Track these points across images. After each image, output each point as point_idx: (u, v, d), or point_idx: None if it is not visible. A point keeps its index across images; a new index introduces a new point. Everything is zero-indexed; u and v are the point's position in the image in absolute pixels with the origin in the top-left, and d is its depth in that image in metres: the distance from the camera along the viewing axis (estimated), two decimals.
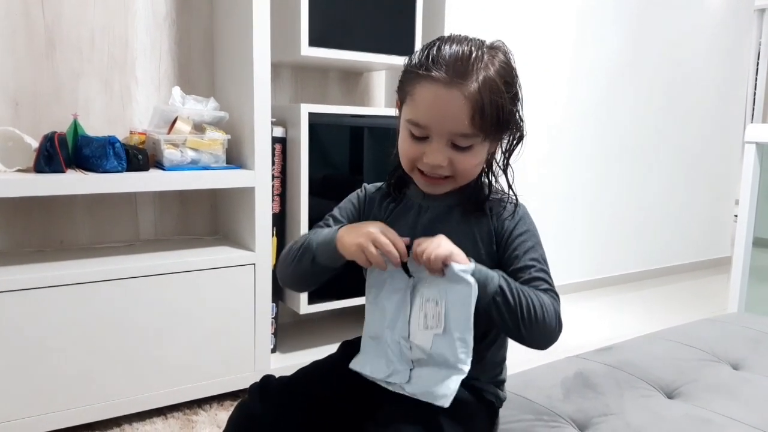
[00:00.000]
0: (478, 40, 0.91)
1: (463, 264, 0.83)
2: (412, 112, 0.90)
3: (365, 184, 1.07)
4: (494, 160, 0.98)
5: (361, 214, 1.04)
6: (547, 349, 0.90)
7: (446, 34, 0.93)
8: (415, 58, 0.90)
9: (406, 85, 0.91)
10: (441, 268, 0.83)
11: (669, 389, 1.20)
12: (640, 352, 1.36)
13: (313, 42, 1.92)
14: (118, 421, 1.73)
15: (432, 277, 0.86)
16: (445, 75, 0.85)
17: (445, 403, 0.84)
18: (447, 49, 0.87)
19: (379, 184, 1.06)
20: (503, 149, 0.97)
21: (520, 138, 0.95)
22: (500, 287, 0.85)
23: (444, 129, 0.87)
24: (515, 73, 0.91)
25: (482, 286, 0.84)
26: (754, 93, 6.14)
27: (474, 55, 0.86)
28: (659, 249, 3.81)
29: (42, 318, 1.56)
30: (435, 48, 0.88)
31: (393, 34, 2.09)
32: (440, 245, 0.84)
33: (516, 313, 0.85)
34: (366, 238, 0.86)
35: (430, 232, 0.90)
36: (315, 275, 0.97)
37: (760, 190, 2.29)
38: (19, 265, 1.64)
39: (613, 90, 3.41)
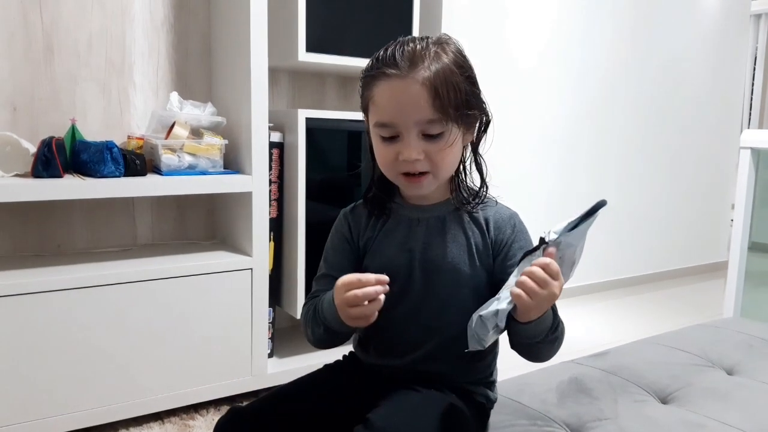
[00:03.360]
0: (426, 36, 0.94)
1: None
2: (376, 114, 0.91)
3: (343, 210, 1.06)
4: (472, 151, 0.99)
5: (355, 244, 1.02)
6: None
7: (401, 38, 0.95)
8: (368, 66, 0.93)
9: (365, 92, 0.94)
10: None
11: (663, 394, 1.21)
12: (635, 357, 1.36)
13: (311, 48, 1.93)
14: (114, 425, 1.73)
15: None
16: (398, 69, 0.87)
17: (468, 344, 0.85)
18: (395, 48, 0.90)
19: (355, 204, 1.05)
20: (474, 139, 0.98)
21: (488, 123, 0.97)
22: (554, 338, 0.90)
23: (409, 120, 0.88)
24: (467, 60, 0.93)
25: (544, 327, 0.86)
26: (751, 98, 6.16)
27: (420, 46, 0.89)
28: (655, 254, 3.82)
29: (39, 322, 1.56)
30: (383, 51, 0.91)
31: (390, 39, 2.08)
32: (557, 291, 0.81)
33: (548, 354, 0.92)
34: (350, 316, 0.86)
35: (428, 248, 0.94)
36: (346, 336, 0.97)
37: (755, 195, 2.30)
38: (16, 269, 1.64)
39: (609, 95, 3.43)
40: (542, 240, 0.85)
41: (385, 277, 0.85)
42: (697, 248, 4.08)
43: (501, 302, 0.83)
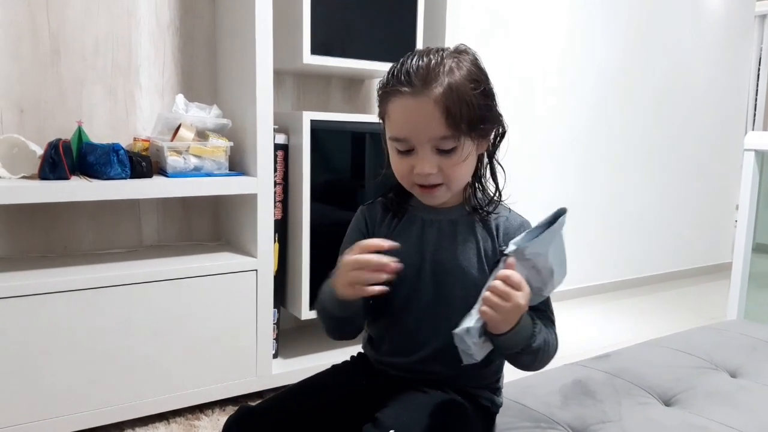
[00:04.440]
0: (442, 48, 0.94)
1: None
2: (391, 129, 0.93)
3: (361, 206, 1.08)
4: (488, 160, 1.00)
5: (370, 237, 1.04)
6: None
7: (419, 48, 0.95)
8: (384, 80, 0.94)
9: (381, 106, 0.95)
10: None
11: (666, 397, 1.21)
12: (639, 360, 1.37)
13: (315, 50, 1.94)
14: (120, 425, 1.74)
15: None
16: (411, 86, 0.88)
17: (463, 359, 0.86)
18: (409, 63, 0.90)
19: (373, 200, 1.07)
20: (489, 149, 0.99)
21: (503, 134, 0.97)
22: (535, 348, 0.89)
23: (423, 137, 0.89)
24: (484, 72, 0.93)
25: (521, 338, 0.87)
26: (755, 99, 6.14)
27: (434, 61, 0.89)
28: (659, 255, 3.82)
29: (45, 323, 1.57)
30: (399, 65, 0.92)
31: (394, 42, 2.11)
32: (521, 301, 0.83)
33: (534, 364, 0.93)
34: (345, 276, 0.87)
35: (438, 250, 0.95)
36: (350, 322, 0.98)
37: (759, 196, 2.30)
38: (22, 270, 1.65)
39: (614, 96, 3.43)
40: (501, 253, 0.87)
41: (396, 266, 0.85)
42: (701, 249, 4.07)
43: (471, 318, 0.85)
